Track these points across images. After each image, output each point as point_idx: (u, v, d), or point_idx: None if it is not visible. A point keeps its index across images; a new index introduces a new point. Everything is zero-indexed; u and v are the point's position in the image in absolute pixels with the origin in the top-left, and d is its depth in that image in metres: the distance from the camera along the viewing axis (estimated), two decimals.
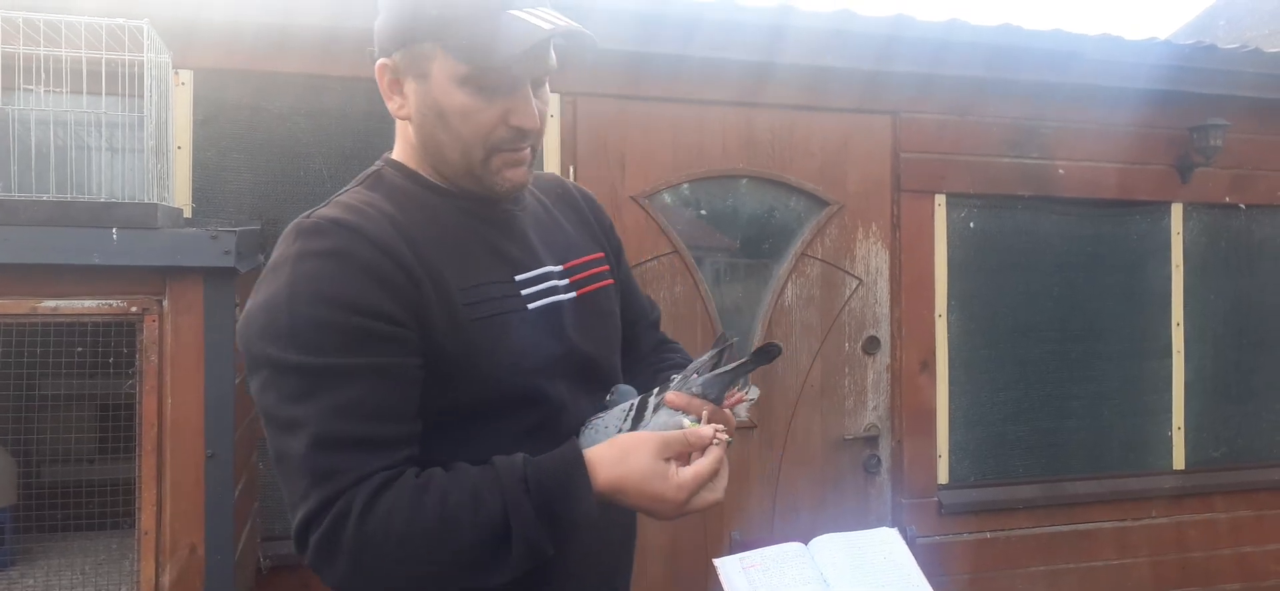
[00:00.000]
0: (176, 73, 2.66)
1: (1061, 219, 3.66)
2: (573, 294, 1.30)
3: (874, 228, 3.45)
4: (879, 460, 3.46)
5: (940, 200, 3.51)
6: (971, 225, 3.56)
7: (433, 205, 1.21)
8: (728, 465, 1.18)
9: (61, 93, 2.05)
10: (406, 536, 1.03)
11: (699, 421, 1.19)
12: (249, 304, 1.11)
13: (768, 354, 1.19)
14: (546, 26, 1.12)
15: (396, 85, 1.20)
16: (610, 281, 1.40)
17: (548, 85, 1.24)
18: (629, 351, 1.48)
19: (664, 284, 3.23)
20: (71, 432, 2.30)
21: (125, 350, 2.03)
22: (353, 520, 1.02)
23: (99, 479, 2.21)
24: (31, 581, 2.10)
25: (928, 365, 3.48)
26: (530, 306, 1.22)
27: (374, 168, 1.27)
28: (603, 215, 1.49)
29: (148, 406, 1.95)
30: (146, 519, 1.95)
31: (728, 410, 1.24)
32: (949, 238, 3.52)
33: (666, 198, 3.28)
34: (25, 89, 2.10)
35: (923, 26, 3.32)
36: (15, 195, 1.98)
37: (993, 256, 3.58)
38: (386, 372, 1.07)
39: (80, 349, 1.98)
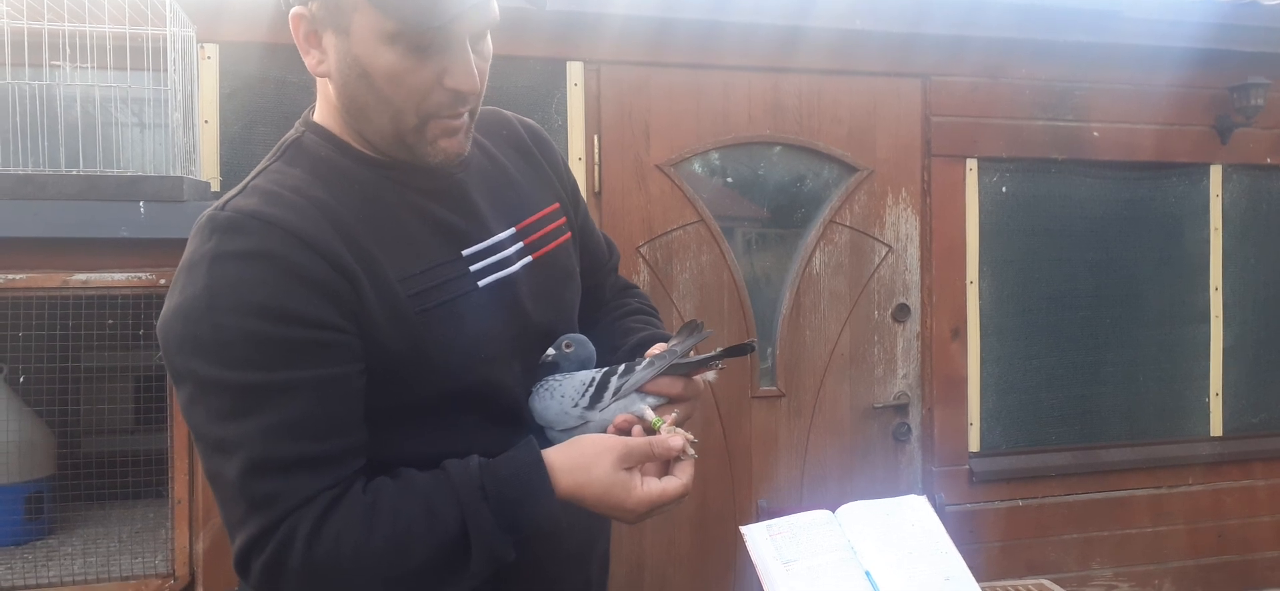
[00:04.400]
0: (202, 47, 2.67)
1: (1096, 182, 3.58)
2: (527, 258, 1.19)
3: (904, 193, 3.41)
4: (909, 428, 3.43)
5: (972, 165, 3.45)
6: (1004, 190, 3.49)
7: (363, 180, 1.08)
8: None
9: (88, 68, 2.06)
10: (359, 559, 0.95)
11: (662, 403, 1.14)
12: (165, 307, 1.00)
13: (742, 350, 1.14)
14: None
15: (314, 38, 1.06)
16: (568, 235, 1.28)
17: (489, 37, 1.08)
18: (590, 298, 1.37)
19: (690, 253, 3.21)
20: (106, 405, 2.34)
21: (155, 322, 2.05)
22: (299, 547, 0.94)
23: (134, 449, 2.25)
24: (70, 550, 2.15)
25: (959, 332, 3.44)
26: (480, 283, 1.11)
27: (293, 134, 1.14)
28: (553, 153, 1.33)
29: None
30: (179, 488, 1.99)
31: (694, 380, 1.17)
32: (981, 203, 3.46)
33: (696, 166, 3.25)
34: (53, 65, 2.11)
35: None
36: (45, 170, 2.00)
37: (1026, 221, 3.52)
38: (326, 385, 0.97)
39: (111, 322, 2.00)
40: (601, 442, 1.06)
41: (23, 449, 2.20)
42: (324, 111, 1.13)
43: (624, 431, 1.12)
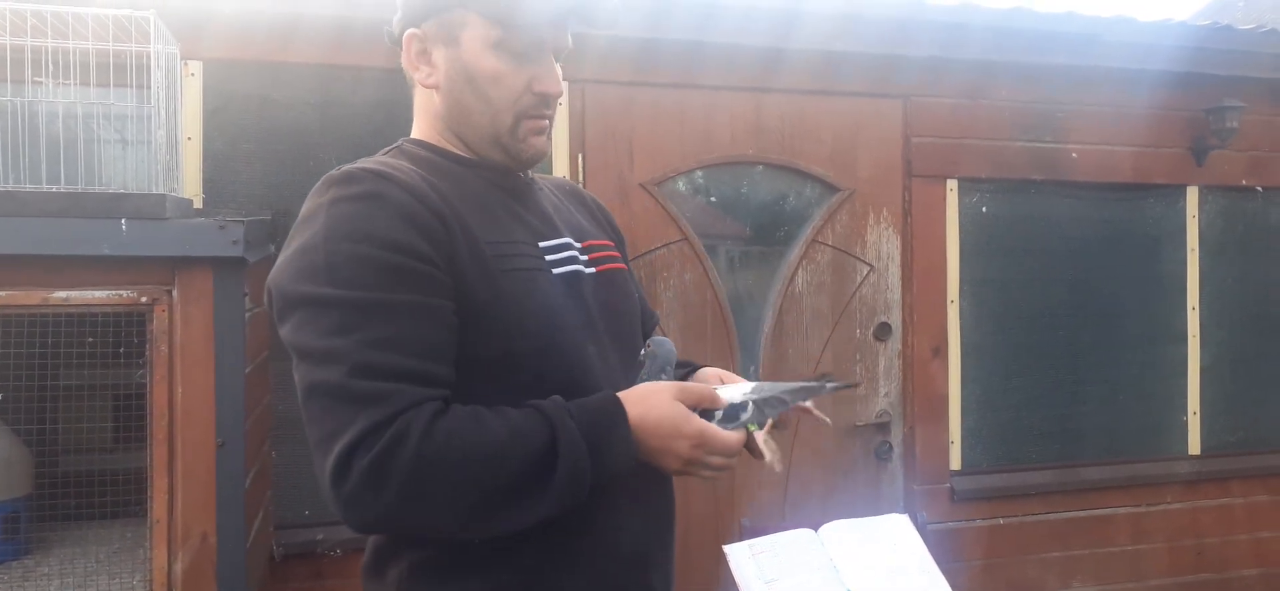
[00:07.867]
0: (186, 64, 2.66)
1: (1075, 203, 3.62)
2: (592, 269, 1.32)
3: (885, 213, 3.43)
4: (891, 447, 3.45)
5: (952, 185, 3.48)
6: (984, 210, 3.53)
7: (455, 172, 1.23)
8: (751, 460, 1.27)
9: (71, 85, 2.05)
10: (465, 460, 1.03)
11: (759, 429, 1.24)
12: (281, 256, 1.12)
13: (847, 386, 1.22)
14: None
15: (425, 55, 1.23)
16: (625, 267, 1.42)
17: (561, 67, 1.28)
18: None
19: (673, 272, 3.22)
20: (85, 423, 2.31)
21: (136, 340, 2.04)
22: (413, 441, 1.00)
23: (113, 468, 2.23)
24: (47, 570, 2.12)
25: (940, 351, 3.46)
26: (554, 272, 1.23)
27: (395, 144, 1.29)
28: (611, 218, 1.52)
29: (158, 396, 1.96)
30: (158, 508, 1.97)
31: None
32: (961, 223, 3.49)
33: (680, 185, 3.27)
34: (35, 81, 2.10)
35: (935, 9, 3.29)
36: (26, 187, 1.99)
37: (1005, 241, 3.55)
38: (424, 311, 1.07)
39: (91, 339, 1.99)
40: (659, 384, 1.20)
41: None
42: (422, 126, 1.29)
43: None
